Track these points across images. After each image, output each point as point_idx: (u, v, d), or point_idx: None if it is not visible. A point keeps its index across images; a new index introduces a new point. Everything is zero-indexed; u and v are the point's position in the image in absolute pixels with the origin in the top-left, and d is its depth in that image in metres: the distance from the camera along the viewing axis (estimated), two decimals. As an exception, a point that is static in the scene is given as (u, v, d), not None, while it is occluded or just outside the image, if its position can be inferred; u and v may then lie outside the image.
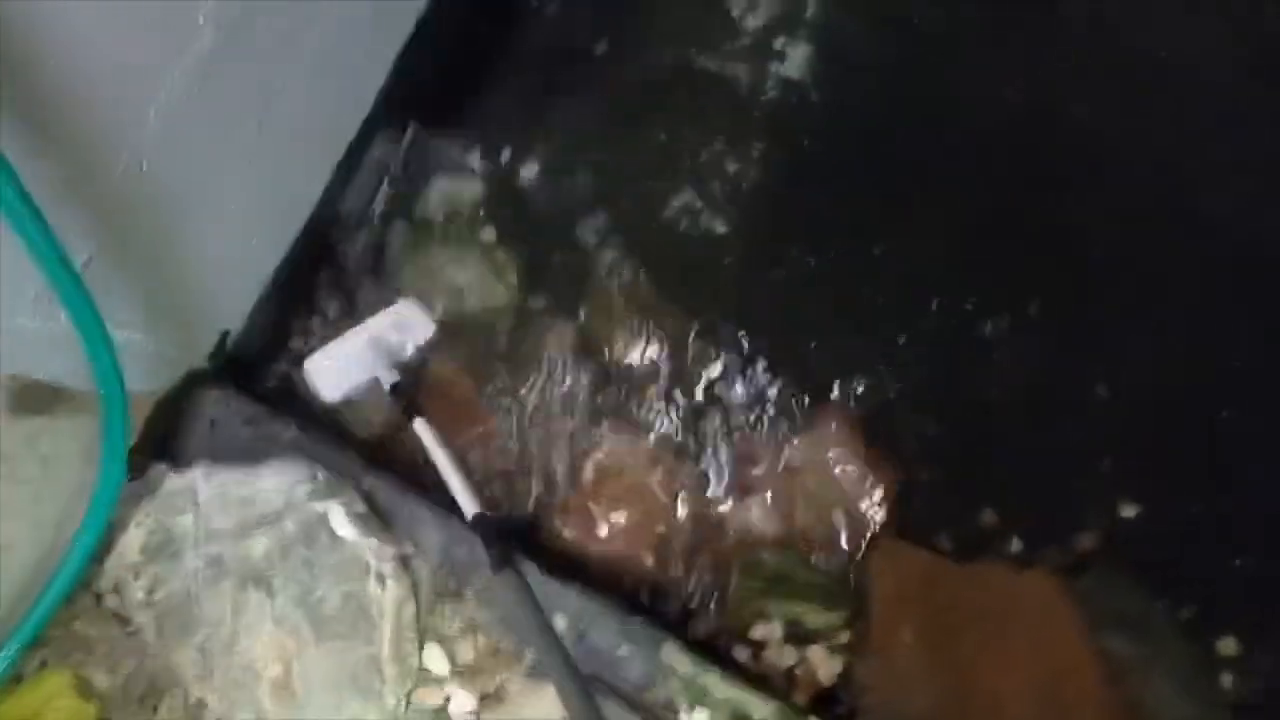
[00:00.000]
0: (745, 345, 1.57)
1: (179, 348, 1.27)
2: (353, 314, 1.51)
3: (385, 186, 1.54)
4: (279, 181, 1.30)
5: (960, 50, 1.71)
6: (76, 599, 1.26)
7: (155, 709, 1.24)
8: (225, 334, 1.35)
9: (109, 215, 1.01)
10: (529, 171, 1.64)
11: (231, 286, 1.32)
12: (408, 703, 1.25)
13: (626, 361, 1.55)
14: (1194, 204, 1.66)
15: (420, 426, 1.22)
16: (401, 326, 1.41)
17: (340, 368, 1.37)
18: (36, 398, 1.07)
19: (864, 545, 1.44)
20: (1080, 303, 1.64)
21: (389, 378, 1.33)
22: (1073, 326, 1.62)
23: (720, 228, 1.64)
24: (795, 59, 1.66)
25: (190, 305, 1.25)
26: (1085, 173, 1.68)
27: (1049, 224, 1.65)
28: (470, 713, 1.24)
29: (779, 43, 1.67)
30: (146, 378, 1.24)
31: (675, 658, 1.27)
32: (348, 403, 1.43)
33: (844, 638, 1.38)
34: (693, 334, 1.57)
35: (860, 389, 1.57)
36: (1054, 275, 1.65)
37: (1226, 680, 1.46)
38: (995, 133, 1.68)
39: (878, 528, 1.47)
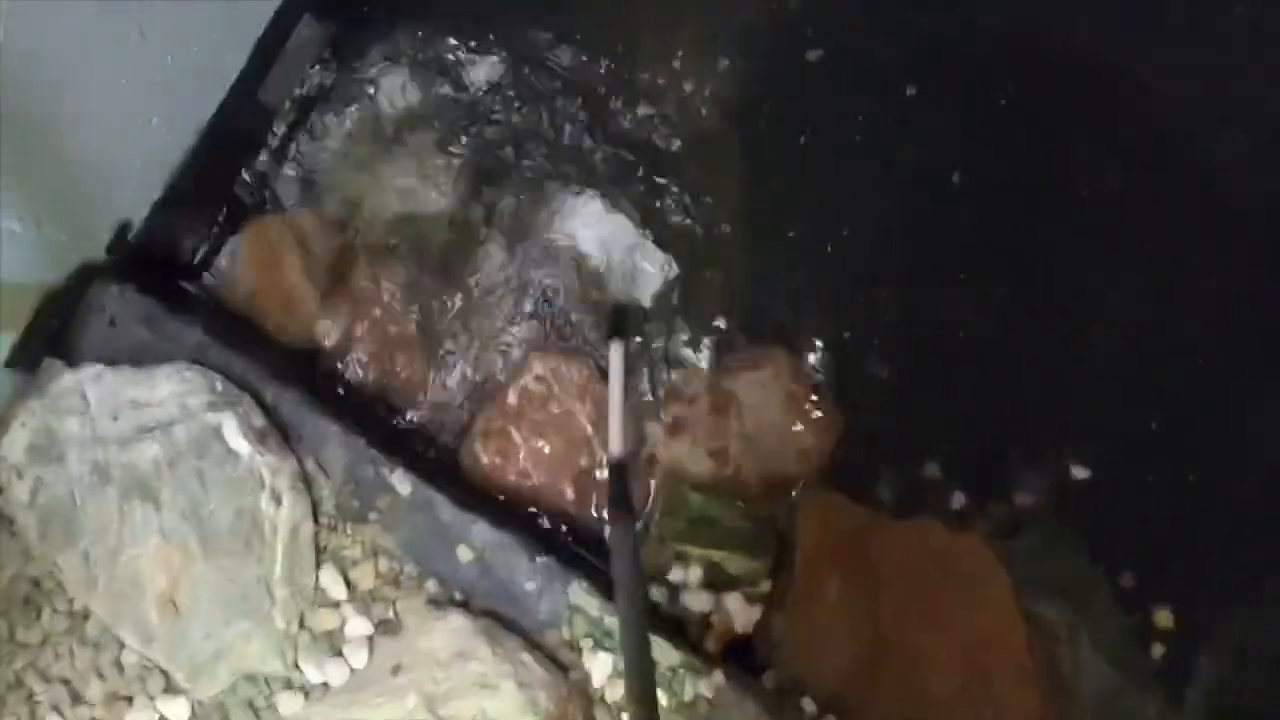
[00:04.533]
0: (690, 275, 1.48)
1: (70, 237, 1.18)
2: (268, 206, 1.42)
3: (313, 75, 1.42)
4: (181, 56, 1.18)
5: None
6: (-39, 495, 1.20)
7: (38, 614, 1.19)
8: (125, 226, 1.25)
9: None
10: (475, 74, 1.51)
11: (129, 174, 1.22)
12: (300, 624, 1.20)
13: (563, 284, 1.45)
14: (1197, 156, 1.56)
15: (614, 352, 1.26)
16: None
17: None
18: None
19: (795, 494, 1.38)
20: (1054, 256, 1.55)
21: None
22: (1044, 279, 1.54)
23: (675, 145, 1.52)
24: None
25: (78, 191, 1.15)
26: (1081, 121, 1.57)
27: (1033, 174, 1.55)
28: (365, 638, 1.20)
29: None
30: (32, 266, 1.15)
31: (583, 598, 1.22)
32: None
33: (764, 587, 1.33)
34: (636, 259, 1.47)
35: (810, 328, 1.49)
36: (1027, 226, 1.56)
37: (1157, 651, 1.44)
38: (992, 66, 1.56)
39: (812, 476, 1.41)
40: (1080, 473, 1.50)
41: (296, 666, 1.19)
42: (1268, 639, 1.45)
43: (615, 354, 1.21)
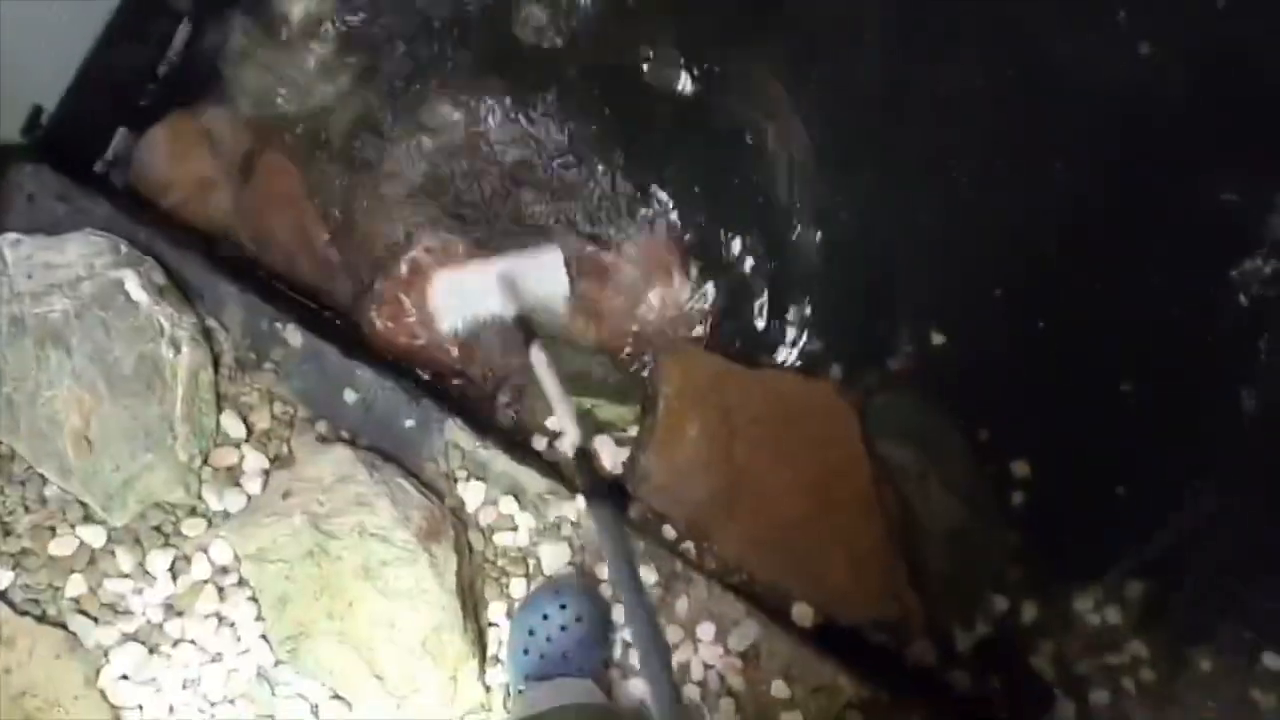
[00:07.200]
0: (575, 150, 1.59)
1: (-17, 118, 1.30)
2: (178, 101, 1.55)
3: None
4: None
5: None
6: (-103, 353, 1.34)
7: (-30, 456, 1.33)
8: (38, 110, 1.38)
9: None
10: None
11: (36, 61, 1.35)
12: (204, 461, 1.34)
13: (455, 164, 1.58)
14: (1043, 48, 1.66)
15: (535, 352, 1.15)
16: (539, 278, 1.29)
17: (465, 298, 1.28)
18: None
19: (661, 349, 1.51)
20: (919, 141, 1.65)
21: (510, 311, 1.24)
22: (910, 165, 1.65)
23: (561, 42, 1.64)
24: None
25: (-11, 74, 1.27)
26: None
27: (898, 68, 1.66)
28: (261, 471, 1.34)
29: None
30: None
31: (458, 434, 1.36)
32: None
33: (632, 431, 1.47)
34: (525, 136, 1.59)
35: (688, 205, 1.61)
36: (896, 111, 1.66)
37: (1017, 498, 1.55)
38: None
39: (681, 337, 1.54)
40: (938, 338, 1.61)
41: (200, 497, 1.33)
42: (1115, 483, 1.57)
43: (536, 356, 1.14)
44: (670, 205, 1.61)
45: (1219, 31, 1.62)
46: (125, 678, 1.27)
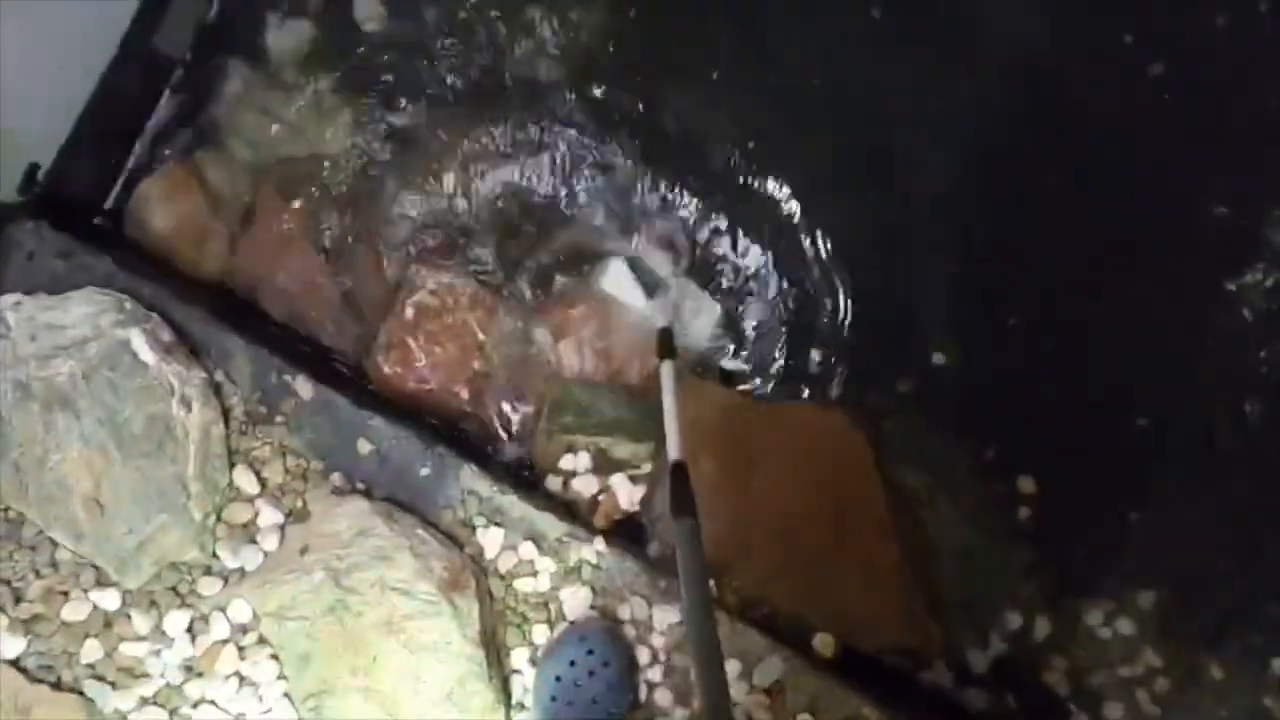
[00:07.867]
0: (578, 183, 1.59)
1: (-20, 178, 1.28)
2: (175, 150, 1.53)
3: (210, 22, 1.53)
4: (69, 5, 1.28)
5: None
6: (-102, 420, 1.31)
7: (-23, 523, 1.31)
8: (34, 167, 1.36)
9: None
10: (365, 15, 1.62)
11: (31, 118, 1.33)
12: (218, 518, 1.32)
13: (456, 204, 1.57)
14: (1043, 67, 1.67)
15: (665, 370, 1.28)
16: (698, 314, 1.52)
17: (636, 282, 1.50)
18: None
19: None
20: (919, 164, 1.66)
21: (663, 320, 1.47)
22: (912, 185, 1.65)
23: (557, 74, 1.63)
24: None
25: (-17, 133, 1.25)
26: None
27: (887, 78, 1.66)
28: (277, 526, 1.33)
29: None
30: (-55, 206, 1.26)
31: (475, 481, 1.35)
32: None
33: (647, 468, 1.46)
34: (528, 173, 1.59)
35: (683, 229, 1.60)
36: (895, 129, 1.66)
37: (1024, 514, 1.55)
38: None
39: (690, 369, 1.53)
40: (939, 358, 1.61)
41: (215, 555, 1.31)
42: (1121, 495, 1.58)
43: (665, 373, 1.28)
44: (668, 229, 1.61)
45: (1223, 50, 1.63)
46: (146, 743, 1.26)
